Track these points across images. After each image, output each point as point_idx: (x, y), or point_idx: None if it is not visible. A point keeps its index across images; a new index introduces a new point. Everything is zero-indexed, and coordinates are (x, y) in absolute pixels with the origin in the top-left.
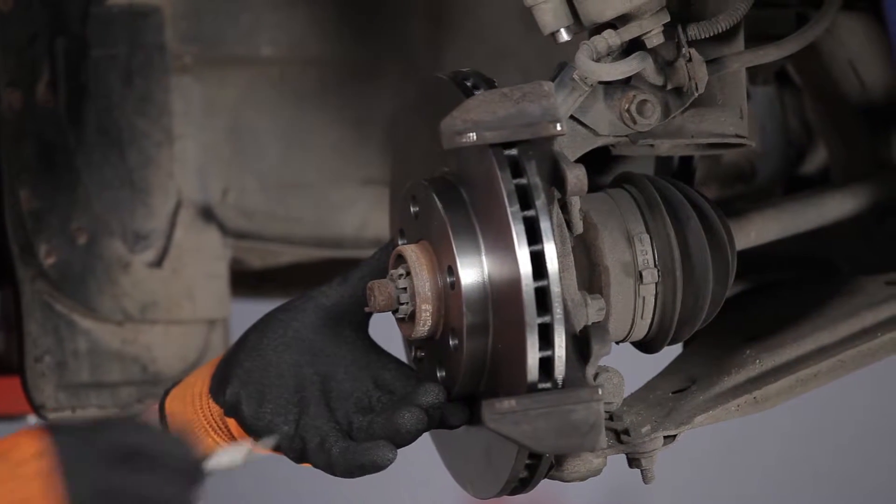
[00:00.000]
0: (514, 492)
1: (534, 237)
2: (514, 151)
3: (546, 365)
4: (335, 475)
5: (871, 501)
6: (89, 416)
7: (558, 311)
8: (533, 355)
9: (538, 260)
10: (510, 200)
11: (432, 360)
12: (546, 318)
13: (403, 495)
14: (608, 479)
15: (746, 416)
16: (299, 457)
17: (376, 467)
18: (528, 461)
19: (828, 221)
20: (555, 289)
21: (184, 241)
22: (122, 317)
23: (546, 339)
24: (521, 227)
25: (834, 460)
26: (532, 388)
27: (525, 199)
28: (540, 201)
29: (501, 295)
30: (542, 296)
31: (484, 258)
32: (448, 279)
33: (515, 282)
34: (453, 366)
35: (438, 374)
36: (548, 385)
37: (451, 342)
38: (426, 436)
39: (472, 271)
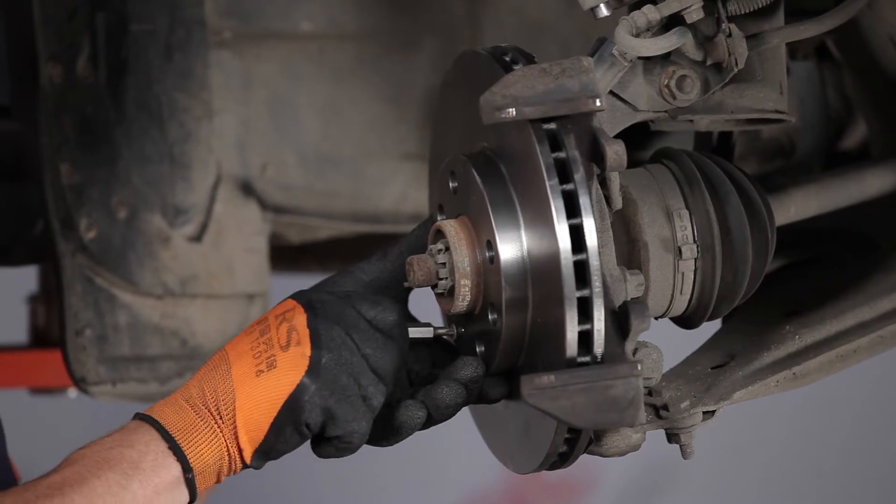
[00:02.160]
0: (552, 466)
1: (572, 210)
2: (552, 126)
3: (585, 339)
4: (372, 444)
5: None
6: (129, 389)
7: (597, 284)
8: (572, 329)
9: (577, 233)
10: (549, 174)
11: (471, 336)
12: (585, 292)
13: (401, 494)
14: (646, 454)
15: (786, 391)
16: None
17: (408, 428)
18: (567, 436)
19: (867, 197)
20: (594, 262)
21: (223, 215)
22: (162, 291)
23: (585, 312)
24: (560, 201)
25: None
26: (571, 363)
27: (564, 172)
28: (579, 175)
29: (540, 269)
30: (581, 269)
31: (523, 232)
32: (487, 254)
33: (554, 255)
34: (492, 341)
35: (477, 349)
36: (587, 359)
37: (490, 317)
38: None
39: (510, 246)
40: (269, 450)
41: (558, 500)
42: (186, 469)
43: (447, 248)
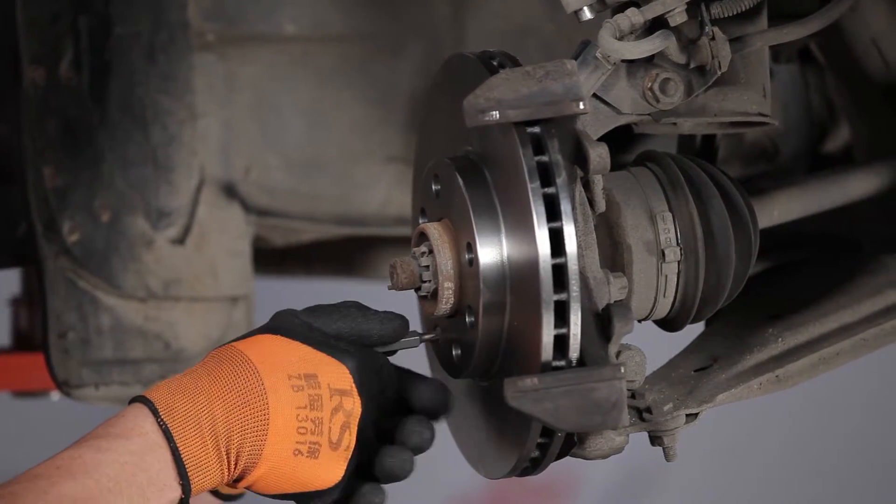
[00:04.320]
0: (524, 472)
1: (553, 214)
2: (536, 129)
3: (561, 343)
4: None
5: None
6: (113, 392)
7: (575, 288)
8: (548, 332)
9: (557, 237)
10: (531, 177)
11: (448, 339)
12: (562, 296)
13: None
14: (628, 457)
15: (769, 394)
16: None
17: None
18: (539, 441)
19: (851, 200)
20: (572, 266)
21: (207, 218)
22: (146, 294)
23: (562, 316)
24: (541, 204)
25: (851, 447)
26: (546, 366)
27: (546, 176)
28: (561, 179)
29: (519, 272)
30: (560, 273)
31: (503, 236)
32: (467, 256)
33: (533, 258)
34: (468, 344)
35: (454, 353)
36: (562, 363)
37: (467, 319)
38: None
39: (490, 249)
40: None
41: (541, 503)
42: (185, 498)
43: (430, 251)
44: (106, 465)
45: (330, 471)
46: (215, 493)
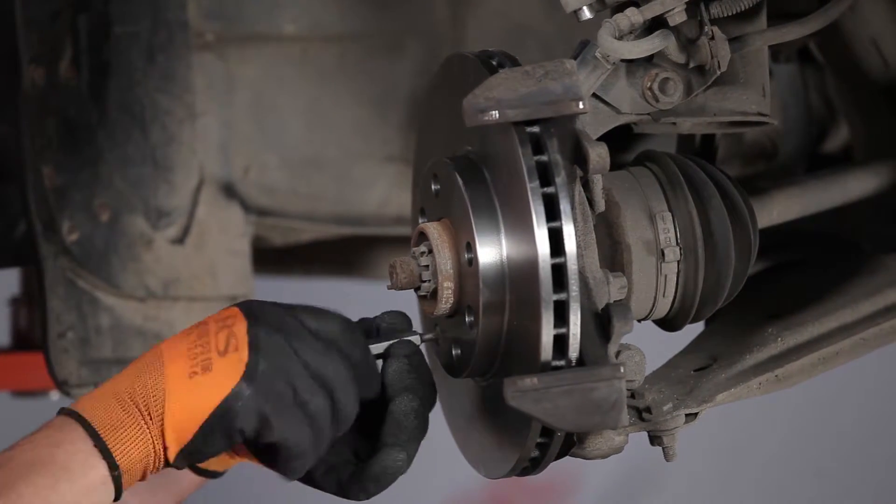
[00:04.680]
0: (524, 472)
1: (552, 213)
2: (535, 128)
3: (560, 343)
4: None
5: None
6: None
7: (574, 288)
8: (547, 332)
9: (556, 236)
10: (530, 176)
11: (448, 339)
12: (562, 296)
13: (383, 495)
14: (628, 457)
15: (768, 393)
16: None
17: (391, 474)
18: (539, 440)
19: (850, 199)
20: (571, 266)
21: (206, 218)
22: (145, 293)
23: (561, 316)
24: (540, 204)
25: (850, 449)
26: (546, 366)
27: (545, 175)
28: (560, 178)
29: (519, 272)
30: (559, 273)
31: (503, 236)
32: (466, 256)
33: (532, 258)
34: (468, 344)
35: (454, 353)
36: (561, 363)
37: (466, 319)
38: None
39: (490, 249)
40: (194, 451)
41: (541, 502)
42: (112, 467)
43: (430, 251)
44: (18, 454)
45: (227, 375)
46: (199, 471)
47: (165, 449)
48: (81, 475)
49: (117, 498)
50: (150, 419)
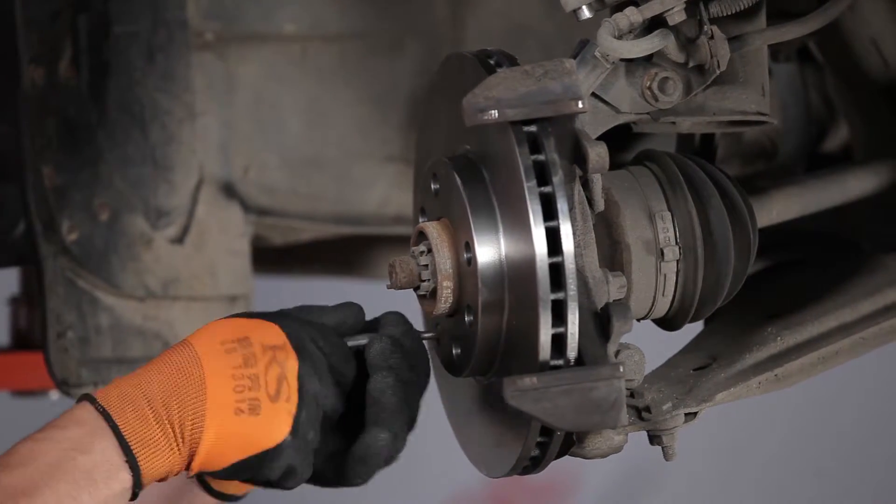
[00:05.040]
0: (525, 471)
1: (550, 213)
2: (532, 128)
3: (559, 342)
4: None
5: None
6: None
7: (572, 287)
8: (546, 331)
9: (553, 236)
10: (527, 176)
11: (448, 338)
12: (560, 295)
13: (383, 495)
14: (627, 456)
15: (768, 393)
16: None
17: (374, 456)
18: (539, 440)
19: (849, 199)
20: (569, 265)
21: (206, 217)
22: (145, 293)
23: (559, 315)
24: (538, 203)
25: (851, 449)
26: (544, 365)
27: (542, 174)
28: (557, 177)
29: (517, 271)
30: (557, 272)
31: (501, 235)
32: (465, 255)
33: (530, 257)
34: (468, 343)
35: (453, 352)
36: (560, 362)
37: (466, 319)
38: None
39: (488, 248)
40: (215, 477)
41: (541, 502)
42: (137, 484)
43: (429, 250)
44: (43, 453)
45: (275, 425)
46: (215, 494)
47: (188, 468)
48: (105, 486)
49: (132, 498)
50: (183, 442)
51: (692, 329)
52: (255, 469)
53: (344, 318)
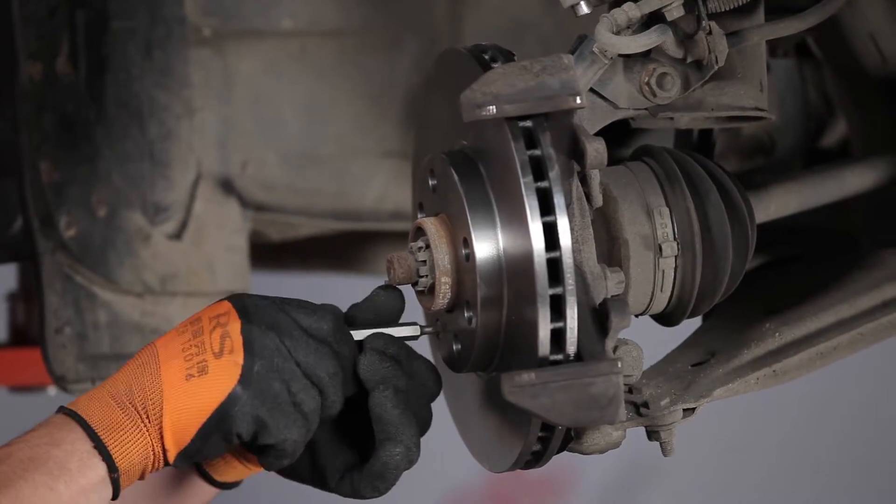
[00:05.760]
0: (527, 465)
1: (547, 208)
2: (528, 123)
3: (558, 337)
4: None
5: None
6: None
7: (570, 282)
8: (545, 327)
9: (551, 231)
10: (523, 171)
11: (449, 333)
12: (558, 290)
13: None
14: (626, 452)
15: (766, 389)
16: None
17: (393, 469)
18: (540, 434)
19: (847, 194)
20: (567, 260)
21: (203, 213)
22: (142, 289)
23: (558, 310)
24: (534, 198)
25: (854, 444)
26: (544, 361)
27: (539, 170)
28: (553, 172)
29: (515, 267)
30: (555, 267)
31: (499, 231)
32: (463, 251)
33: (528, 253)
34: (468, 339)
35: (454, 348)
36: (559, 357)
37: (465, 315)
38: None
39: (486, 244)
40: (194, 453)
41: (539, 498)
42: (112, 469)
43: (427, 246)
44: (17, 451)
45: (223, 379)
46: (217, 483)
47: (165, 451)
48: (80, 475)
49: (115, 497)
50: (149, 421)
51: (690, 325)
52: (221, 430)
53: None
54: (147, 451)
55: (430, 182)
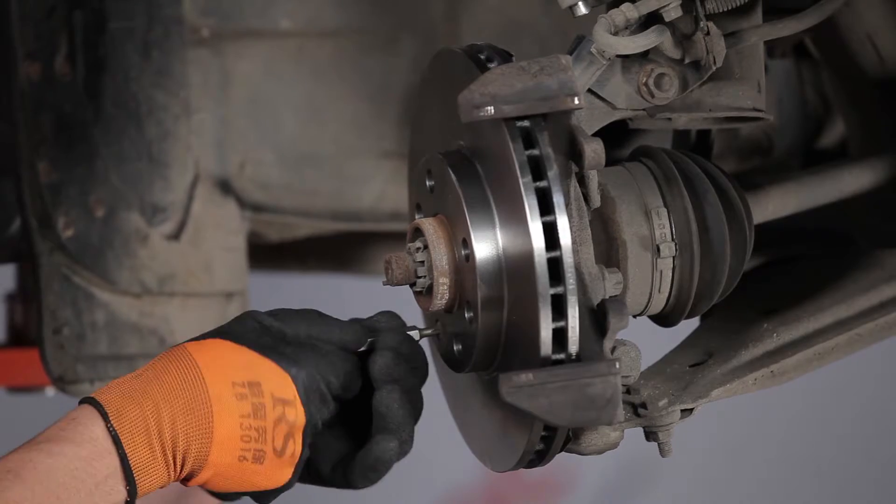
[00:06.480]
0: (530, 464)
1: (546, 207)
2: (526, 123)
3: (560, 336)
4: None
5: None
6: None
7: (571, 281)
8: (546, 326)
9: (551, 230)
10: (522, 171)
11: (449, 334)
12: (559, 289)
13: (379, 492)
14: (624, 452)
15: (764, 389)
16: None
17: (385, 462)
18: (543, 434)
19: (845, 195)
20: (567, 259)
21: (201, 213)
22: (140, 289)
23: (559, 310)
24: (534, 198)
25: (851, 444)
26: (546, 360)
27: (538, 169)
28: (552, 172)
29: (515, 267)
30: (555, 266)
31: (498, 231)
32: (463, 252)
33: (528, 252)
34: (469, 339)
35: (455, 348)
36: (561, 357)
37: (466, 315)
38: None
39: (486, 244)
40: (216, 497)
41: (537, 499)
42: (131, 493)
43: (425, 247)
44: (56, 471)
45: (277, 475)
46: (217, 494)
47: (184, 481)
48: (102, 502)
49: None
50: (182, 472)
51: (688, 325)
52: (253, 496)
53: (348, 338)
54: (164, 485)
55: (428, 183)
